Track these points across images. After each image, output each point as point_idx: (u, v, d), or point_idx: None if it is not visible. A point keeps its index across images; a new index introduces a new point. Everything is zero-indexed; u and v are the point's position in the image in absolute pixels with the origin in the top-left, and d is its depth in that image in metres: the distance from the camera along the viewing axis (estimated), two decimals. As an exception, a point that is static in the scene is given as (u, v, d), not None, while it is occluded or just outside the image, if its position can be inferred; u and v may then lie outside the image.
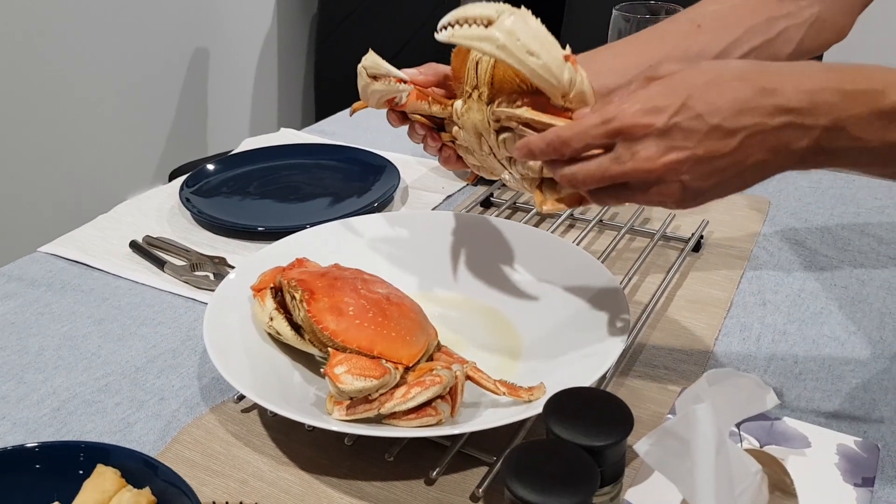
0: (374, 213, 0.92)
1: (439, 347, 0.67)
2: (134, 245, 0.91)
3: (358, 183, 1.04)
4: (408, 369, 0.62)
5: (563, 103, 0.60)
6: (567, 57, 0.58)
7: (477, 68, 0.63)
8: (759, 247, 0.90)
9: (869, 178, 1.03)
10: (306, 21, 2.68)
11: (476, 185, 1.05)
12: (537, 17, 0.59)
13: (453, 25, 0.58)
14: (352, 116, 0.77)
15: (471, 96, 0.64)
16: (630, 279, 0.81)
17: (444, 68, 0.70)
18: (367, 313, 0.64)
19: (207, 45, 2.33)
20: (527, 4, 0.61)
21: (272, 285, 0.70)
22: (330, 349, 0.62)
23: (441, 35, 0.59)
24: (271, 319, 0.67)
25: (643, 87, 0.54)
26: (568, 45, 0.60)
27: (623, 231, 0.90)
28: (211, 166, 1.07)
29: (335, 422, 0.59)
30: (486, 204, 0.99)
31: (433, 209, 1.00)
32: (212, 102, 2.40)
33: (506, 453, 0.57)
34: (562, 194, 0.61)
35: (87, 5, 1.96)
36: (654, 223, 0.95)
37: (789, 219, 0.96)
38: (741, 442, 0.61)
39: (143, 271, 0.87)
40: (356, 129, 1.24)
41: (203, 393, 0.69)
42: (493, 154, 0.66)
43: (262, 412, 0.66)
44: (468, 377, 0.61)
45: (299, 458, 0.62)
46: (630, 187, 0.55)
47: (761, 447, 0.61)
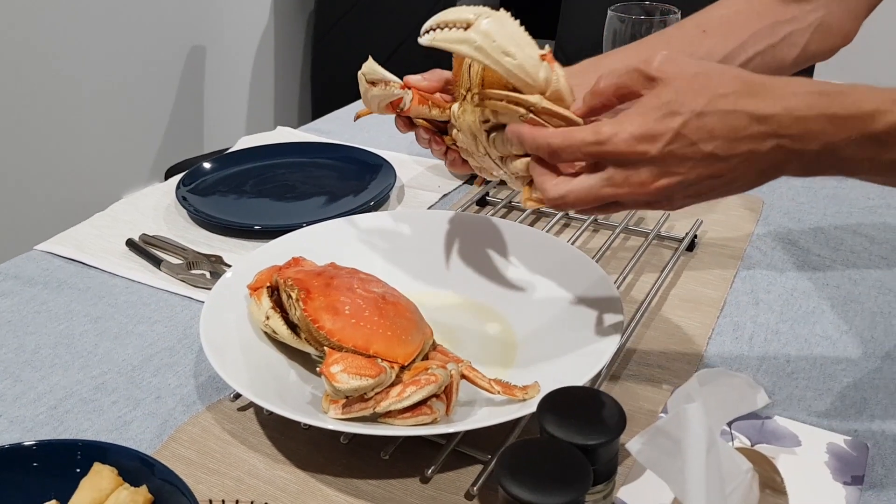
0: (370, 211, 0.93)
1: (435, 346, 0.67)
2: (130, 243, 0.91)
3: (354, 181, 1.05)
4: (403, 368, 0.62)
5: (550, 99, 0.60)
6: (543, 56, 0.59)
7: (469, 71, 0.63)
8: (753, 246, 0.91)
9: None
10: (303, 19, 2.67)
11: (471, 184, 1.05)
12: (535, 17, 0.60)
13: (434, 29, 0.60)
14: (356, 121, 0.78)
15: (465, 98, 0.65)
16: (624, 278, 0.82)
17: (447, 74, 0.71)
18: (363, 312, 0.64)
19: (204, 43, 2.33)
20: (525, 5, 0.62)
21: (268, 284, 0.70)
22: (326, 348, 0.62)
23: (423, 39, 0.60)
24: (267, 318, 0.68)
25: (638, 103, 0.53)
26: (547, 46, 0.61)
27: (617, 230, 0.90)
28: (207, 164, 1.08)
29: (331, 420, 0.59)
30: (482, 203, 0.99)
31: (429, 208, 1.00)
32: (208, 100, 2.40)
33: (500, 452, 0.57)
34: None
35: (83, 3, 1.96)
36: (649, 223, 0.95)
37: (782, 218, 0.97)
38: (732, 441, 0.62)
39: (139, 269, 0.87)
40: (353, 127, 1.24)
41: (199, 391, 0.70)
42: (488, 154, 0.66)
43: (259, 410, 0.67)
44: (463, 376, 0.62)
45: (295, 456, 0.62)
46: (619, 205, 0.56)
47: (752, 446, 0.61)
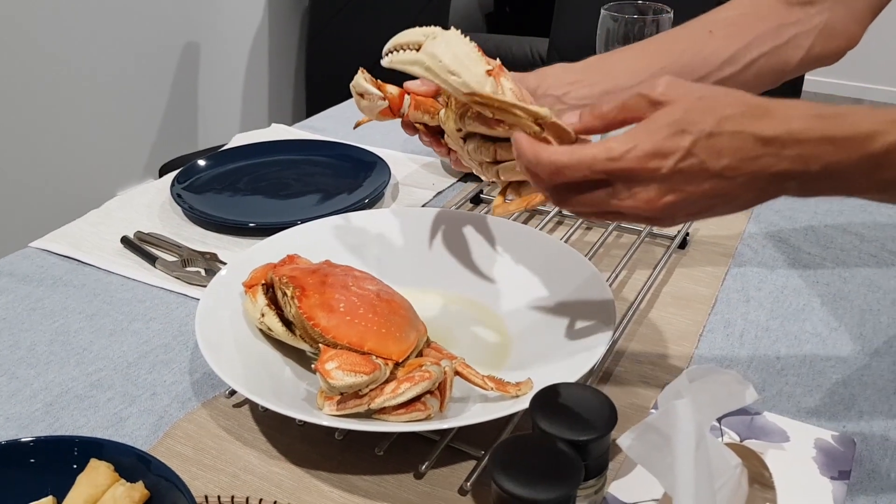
0: (364, 209, 0.93)
1: (428, 343, 0.68)
2: (125, 241, 0.92)
3: (349, 179, 1.05)
4: (397, 365, 0.63)
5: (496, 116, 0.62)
6: (490, 72, 0.61)
7: None
8: (744, 244, 0.92)
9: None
10: (297, 16, 2.67)
11: (465, 182, 1.06)
12: (530, 15, 0.61)
13: (392, 52, 0.63)
14: (356, 129, 0.80)
15: (447, 105, 0.68)
16: (617, 276, 0.82)
17: None
18: (358, 310, 0.64)
19: (198, 40, 2.33)
20: (518, 5, 0.63)
21: (264, 281, 0.71)
22: (321, 345, 0.63)
23: (383, 62, 0.63)
24: (262, 315, 0.68)
25: (647, 122, 0.54)
26: (498, 59, 0.63)
27: (610, 228, 0.91)
28: (202, 162, 1.08)
29: (326, 417, 0.60)
30: (476, 201, 1.00)
31: (423, 206, 1.01)
32: (202, 97, 2.40)
33: (493, 447, 0.58)
34: (528, 196, 0.65)
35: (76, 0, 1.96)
36: (641, 220, 0.96)
37: (774, 216, 0.97)
38: (722, 436, 0.63)
39: (134, 267, 0.88)
40: (347, 125, 1.24)
41: (195, 388, 0.70)
42: (472, 159, 0.68)
43: (254, 407, 0.67)
44: (457, 373, 0.62)
45: (290, 452, 0.63)
46: (620, 215, 0.56)
47: (741, 441, 0.62)
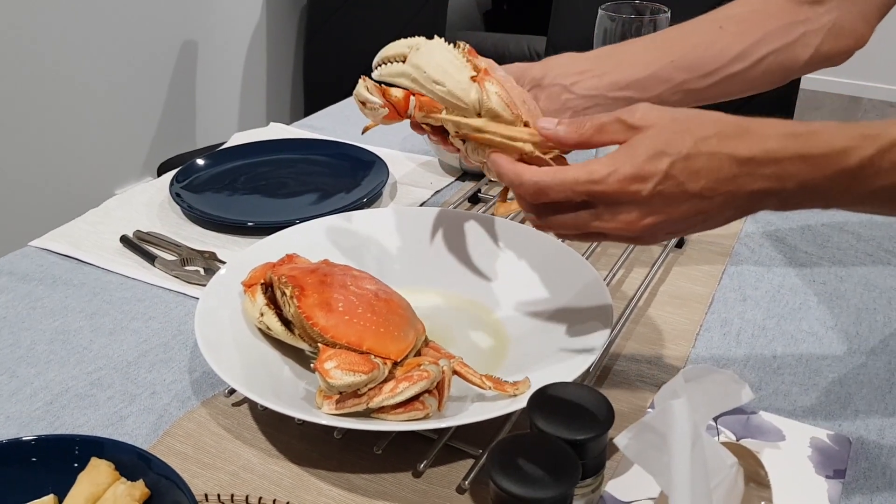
0: (363, 208, 0.93)
1: (427, 343, 0.68)
2: (124, 240, 0.92)
3: (347, 178, 1.06)
4: (396, 364, 0.63)
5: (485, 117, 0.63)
6: (474, 77, 0.62)
7: None
8: (741, 243, 0.92)
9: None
10: (296, 14, 2.67)
11: (464, 181, 1.06)
12: (527, 13, 0.62)
13: (381, 65, 0.66)
14: (363, 134, 0.81)
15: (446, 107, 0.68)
16: (614, 275, 0.83)
17: None
18: (357, 309, 0.65)
19: (196, 38, 2.33)
20: (515, 4, 0.64)
21: (263, 281, 0.71)
22: (319, 344, 0.63)
23: (373, 74, 0.66)
24: (262, 315, 0.68)
25: (626, 146, 0.55)
26: (484, 62, 0.64)
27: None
28: (201, 161, 1.08)
29: (325, 416, 0.60)
30: (474, 200, 1.00)
31: (421, 205, 1.01)
32: (200, 96, 2.40)
33: (491, 446, 0.58)
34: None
35: (75, -3, 1.96)
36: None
37: (770, 216, 0.98)
38: (718, 435, 0.63)
39: (133, 266, 0.88)
40: (345, 123, 1.25)
41: (194, 387, 0.71)
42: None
43: (253, 406, 0.68)
44: (455, 372, 0.63)
45: (289, 451, 0.63)
46: (602, 237, 0.58)
47: (737, 440, 0.63)
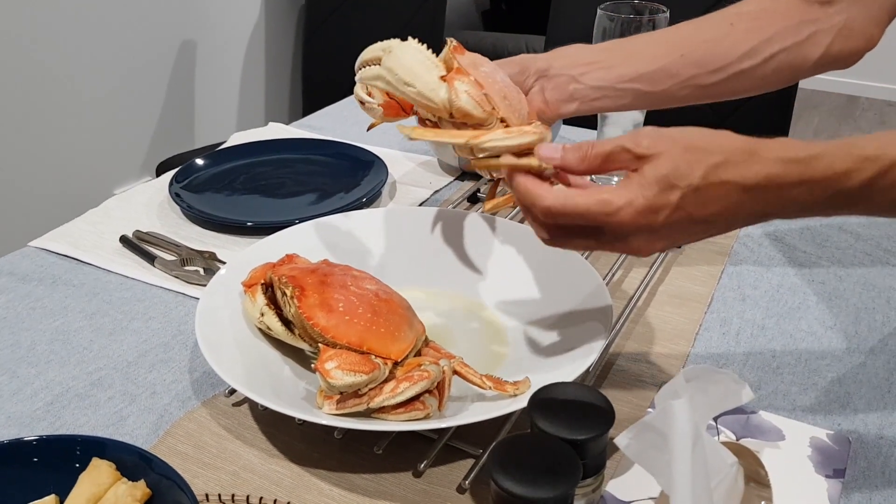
0: (362, 208, 0.93)
1: (427, 343, 0.68)
2: (124, 240, 0.92)
3: (346, 178, 1.06)
4: (396, 364, 0.63)
5: (456, 118, 0.64)
6: (444, 77, 0.63)
7: None
8: (740, 243, 0.92)
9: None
10: (294, 14, 2.67)
11: (462, 181, 1.06)
12: (526, 12, 0.62)
13: (360, 68, 0.67)
14: (369, 131, 0.82)
15: None
16: (613, 275, 0.83)
17: None
18: (357, 309, 0.65)
19: (195, 38, 2.33)
20: (514, 3, 0.64)
21: (263, 281, 0.71)
22: (320, 344, 0.64)
23: (356, 78, 0.68)
24: (262, 315, 0.69)
25: (637, 177, 0.55)
26: (470, 58, 0.65)
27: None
28: (200, 161, 1.08)
29: (325, 416, 0.60)
30: (473, 199, 1.00)
31: (420, 204, 1.01)
32: (199, 96, 2.40)
33: (492, 446, 0.58)
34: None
35: (74, -4, 1.95)
36: (638, 219, 0.96)
37: (769, 215, 0.98)
38: (718, 435, 0.63)
39: (133, 266, 0.88)
40: (344, 123, 1.25)
41: (195, 387, 0.71)
42: None
43: (253, 406, 0.68)
44: (455, 372, 0.63)
45: (290, 451, 0.63)
46: (609, 251, 0.59)
47: (737, 440, 0.63)
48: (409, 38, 0.65)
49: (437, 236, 0.83)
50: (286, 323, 0.68)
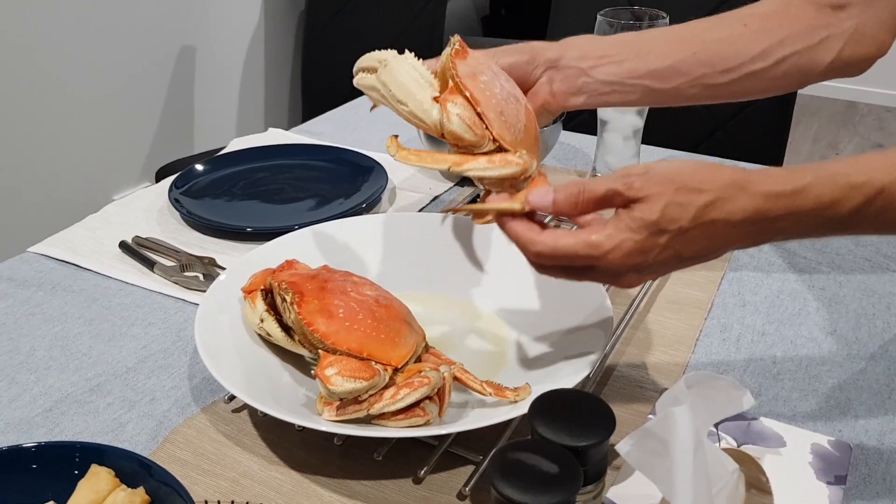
0: (362, 213, 0.93)
1: (427, 349, 0.68)
2: (123, 245, 0.92)
3: (346, 184, 1.06)
4: (396, 371, 0.63)
5: (448, 140, 0.63)
6: (436, 98, 0.62)
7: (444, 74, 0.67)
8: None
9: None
10: (294, 19, 2.68)
11: (462, 186, 1.06)
12: (525, 17, 0.62)
13: (357, 73, 0.67)
14: (371, 111, 0.81)
15: None
16: (613, 281, 0.83)
17: None
18: (357, 315, 0.65)
19: (194, 44, 2.33)
20: (513, 8, 0.63)
21: (262, 287, 0.71)
22: (320, 351, 0.63)
23: (354, 81, 0.67)
24: (262, 321, 0.68)
25: (627, 219, 0.55)
26: (455, 71, 0.62)
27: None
28: (200, 167, 1.08)
29: (325, 422, 0.60)
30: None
31: (420, 210, 1.01)
32: (198, 101, 2.40)
33: (492, 453, 0.58)
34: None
35: (73, 3, 1.96)
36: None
37: (769, 221, 0.98)
38: (719, 442, 0.63)
39: (132, 272, 0.88)
40: (344, 129, 1.25)
41: (194, 393, 0.70)
42: None
43: (253, 412, 0.67)
44: (455, 378, 0.63)
45: (290, 457, 0.63)
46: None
47: (738, 447, 0.63)
48: (406, 51, 0.64)
49: (436, 242, 0.83)
50: (286, 329, 0.68)
